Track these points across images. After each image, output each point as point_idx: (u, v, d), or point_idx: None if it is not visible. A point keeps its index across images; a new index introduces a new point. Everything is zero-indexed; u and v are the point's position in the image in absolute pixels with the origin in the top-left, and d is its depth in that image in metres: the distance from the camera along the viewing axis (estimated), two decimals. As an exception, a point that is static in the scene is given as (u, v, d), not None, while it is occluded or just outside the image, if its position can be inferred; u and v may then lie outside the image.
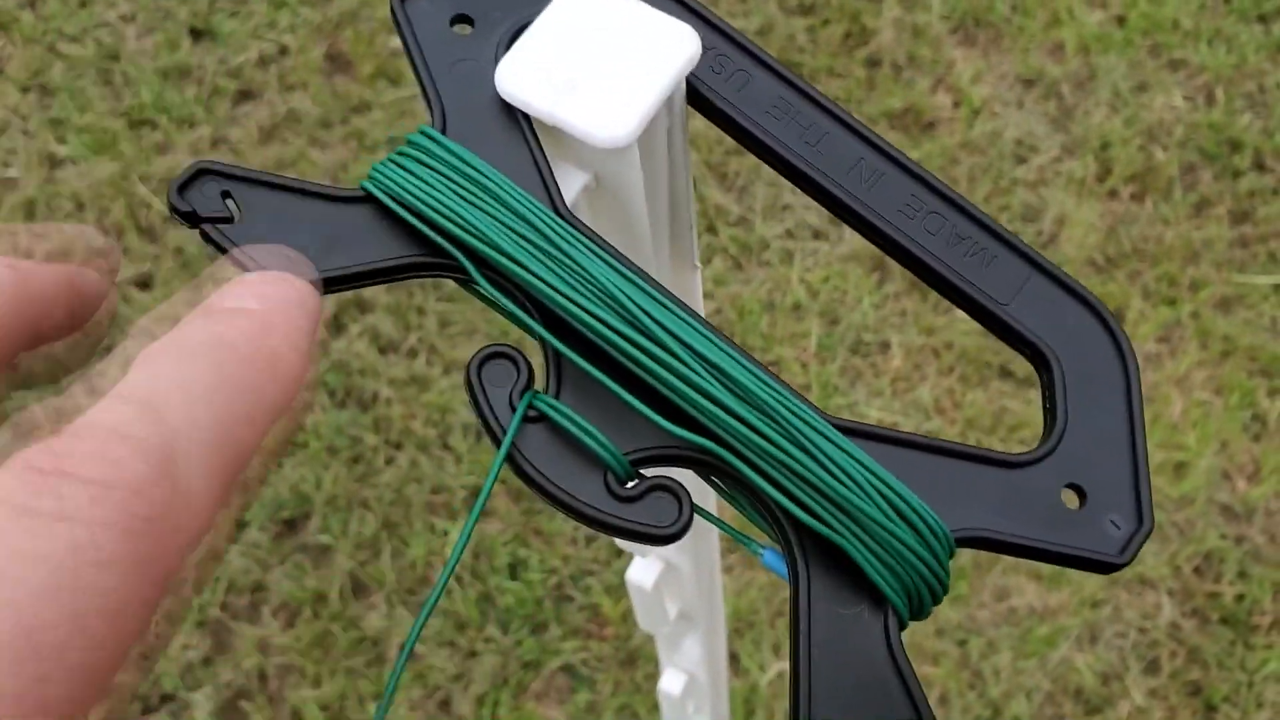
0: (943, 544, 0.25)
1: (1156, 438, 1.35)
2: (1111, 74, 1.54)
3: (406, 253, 0.27)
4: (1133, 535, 0.27)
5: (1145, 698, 1.25)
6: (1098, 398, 0.28)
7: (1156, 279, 1.43)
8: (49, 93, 1.57)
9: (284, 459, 1.35)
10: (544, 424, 0.25)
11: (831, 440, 0.25)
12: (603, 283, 0.25)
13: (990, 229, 0.29)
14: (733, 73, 0.29)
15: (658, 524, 0.25)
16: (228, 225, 0.26)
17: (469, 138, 0.27)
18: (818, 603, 0.25)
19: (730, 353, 0.25)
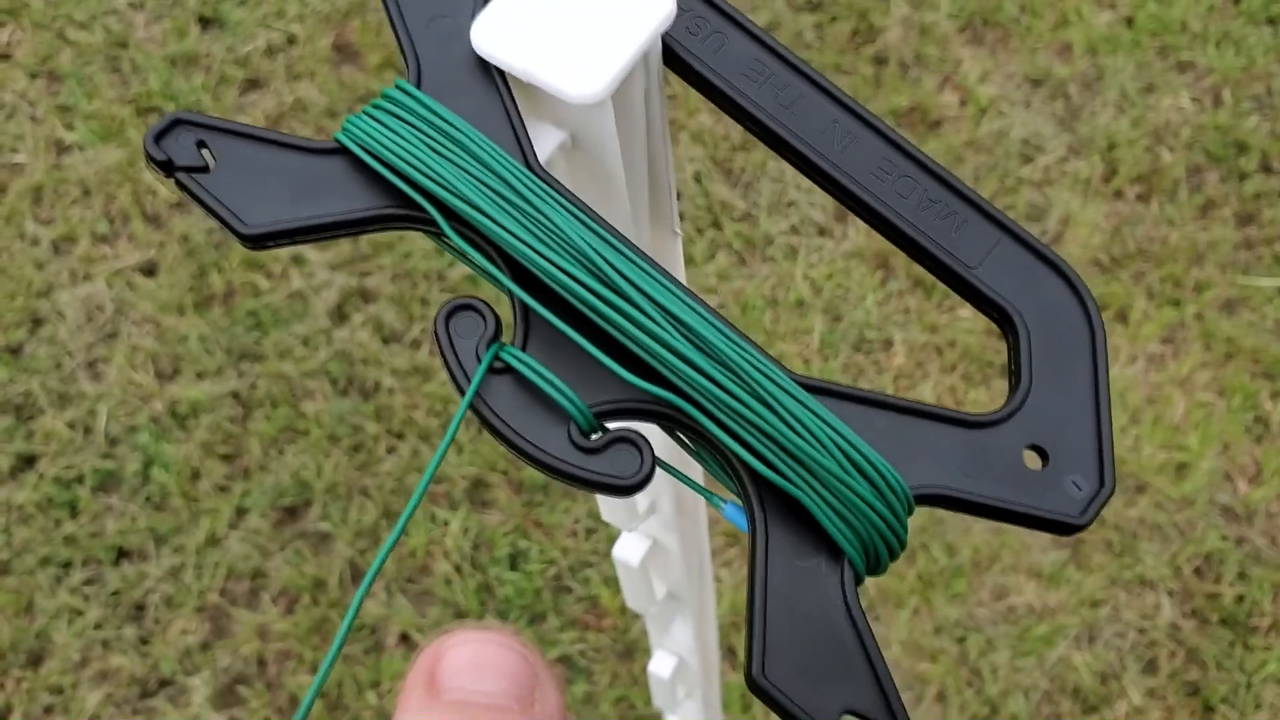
0: (901, 500, 0.25)
1: (1158, 439, 1.34)
2: (1119, 75, 1.54)
3: (378, 204, 0.27)
4: (1094, 496, 0.27)
5: (1143, 697, 1.25)
6: (1063, 361, 0.28)
7: (1161, 280, 1.42)
8: (57, 79, 1.57)
9: (285, 447, 1.36)
10: (510, 375, 0.25)
11: (793, 395, 0.25)
12: (571, 237, 0.25)
13: (961, 193, 0.29)
14: (709, 34, 0.29)
15: (619, 475, 0.25)
16: (203, 174, 0.26)
17: (444, 93, 0.28)
18: (775, 554, 0.25)
19: (696, 309, 0.26)
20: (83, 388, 1.39)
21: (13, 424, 1.37)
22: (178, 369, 1.40)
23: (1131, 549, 1.31)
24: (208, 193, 0.26)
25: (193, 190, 0.26)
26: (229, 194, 0.26)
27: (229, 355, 1.40)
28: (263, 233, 0.26)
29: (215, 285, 1.43)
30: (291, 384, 1.38)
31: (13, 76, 1.57)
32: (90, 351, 1.41)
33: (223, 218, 0.26)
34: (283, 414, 1.37)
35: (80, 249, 1.46)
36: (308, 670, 1.26)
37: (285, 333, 1.40)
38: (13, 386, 1.39)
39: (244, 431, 1.36)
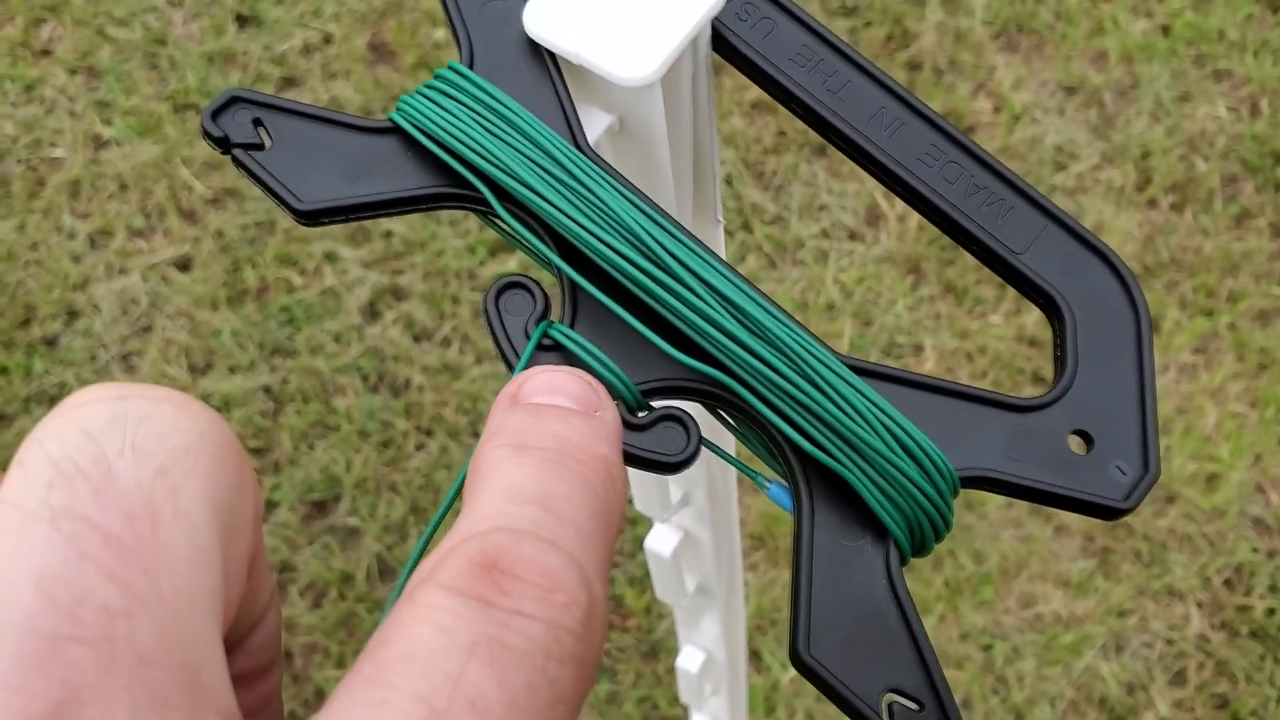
0: (947, 481, 0.25)
1: (1189, 449, 1.34)
2: (1154, 83, 1.53)
3: (430, 183, 0.27)
4: (1138, 481, 0.27)
5: (1171, 709, 1.24)
6: (1108, 347, 0.28)
7: (1194, 289, 1.42)
8: (96, 75, 1.59)
9: (315, 442, 1.36)
10: (559, 353, 0.26)
11: (841, 376, 0.25)
12: (621, 216, 0.25)
13: (1008, 180, 0.29)
14: (758, 20, 0.30)
15: (667, 452, 0.25)
16: (258, 152, 0.27)
17: (496, 75, 0.28)
18: (820, 534, 0.25)
19: (744, 289, 0.26)
20: (117, 380, 1.40)
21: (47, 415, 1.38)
22: (210, 363, 1.41)
23: (1160, 559, 1.30)
24: (264, 169, 0.26)
25: (249, 167, 0.26)
26: (284, 171, 0.26)
27: (261, 350, 1.41)
28: (318, 209, 0.26)
29: (249, 281, 1.44)
30: (323, 380, 1.39)
31: (53, 72, 1.59)
32: (125, 344, 1.42)
33: (278, 194, 0.26)
34: (314, 409, 1.38)
35: (116, 243, 1.47)
36: (334, 664, 1.27)
37: (317, 329, 1.41)
38: (48, 378, 1.40)
39: (275, 426, 1.37)
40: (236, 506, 0.20)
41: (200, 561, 0.18)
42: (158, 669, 0.17)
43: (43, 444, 0.19)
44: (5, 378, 1.40)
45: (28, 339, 1.42)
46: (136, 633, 0.17)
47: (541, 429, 0.22)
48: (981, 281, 1.42)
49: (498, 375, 1.39)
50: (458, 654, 0.18)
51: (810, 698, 1.25)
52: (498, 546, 0.19)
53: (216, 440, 0.20)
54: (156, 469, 0.18)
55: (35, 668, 0.16)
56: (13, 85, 1.58)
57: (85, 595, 0.17)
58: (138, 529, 0.18)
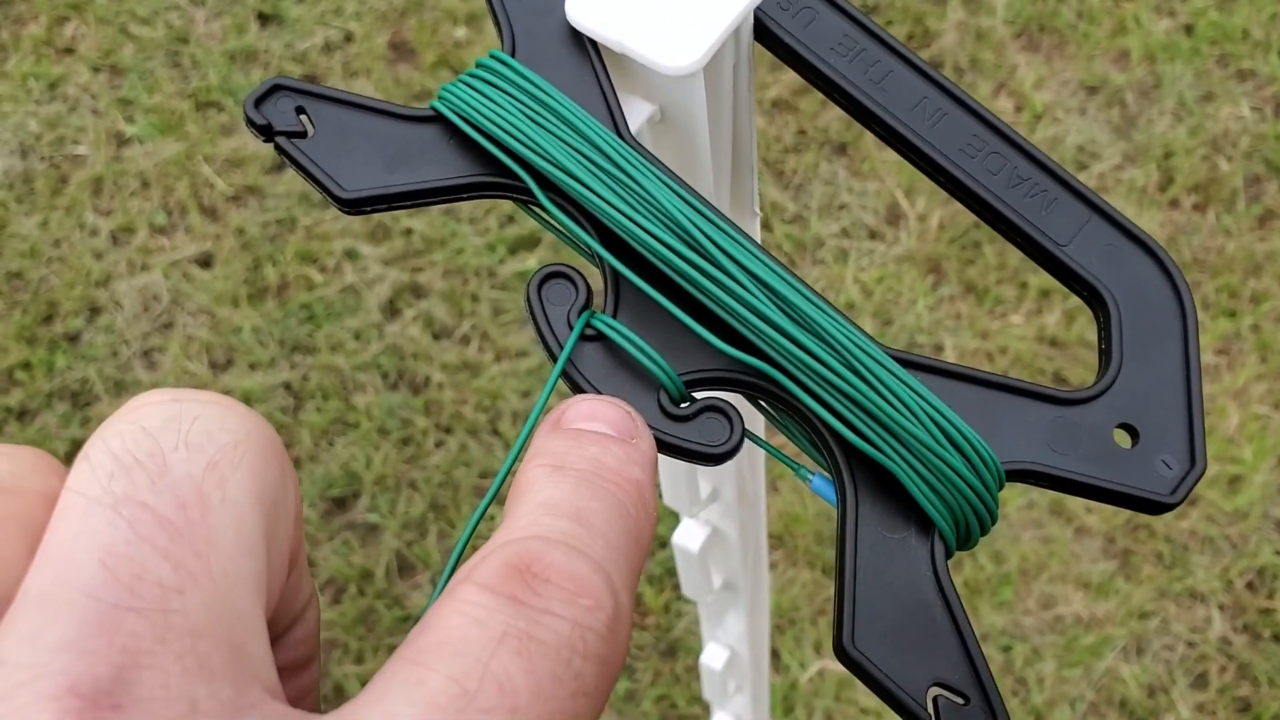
0: (992, 473, 0.25)
1: (1212, 450, 1.33)
2: (1177, 83, 1.52)
3: (472, 171, 0.27)
4: (1185, 476, 0.26)
5: (1192, 712, 1.23)
6: (1154, 340, 0.27)
7: (1217, 290, 1.41)
8: (119, 73, 1.60)
9: (335, 439, 1.37)
10: (601, 343, 0.26)
11: (886, 367, 0.25)
12: (664, 205, 0.25)
13: (1051, 171, 0.29)
14: (800, 9, 0.29)
15: (709, 443, 0.25)
16: (301, 140, 0.27)
17: (537, 63, 0.28)
18: (865, 526, 0.25)
19: (788, 279, 0.26)
20: (138, 376, 1.41)
21: (69, 410, 1.39)
22: (231, 360, 1.41)
23: (1182, 561, 1.29)
24: (307, 157, 0.26)
25: (292, 155, 0.26)
26: (327, 159, 0.26)
27: (282, 347, 1.41)
28: (360, 197, 0.26)
29: (269, 278, 1.44)
30: (343, 377, 1.40)
31: (76, 70, 1.59)
32: (146, 341, 1.43)
33: (322, 182, 0.26)
34: (333, 406, 1.38)
35: (138, 240, 1.48)
36: (353, 660, 1.27)
37: (337, 326, 1.42)
38: (70, 374, 1.41)
39: (295, 422, 1.37)
40: (279, 500, 0.22)
41: (246, 546, 0.20)
42: (207, 641, 0.19)
43: (106, 439, 0.20)
44: (28, 373, 1.41)
45: (50, 335, 1.43)
46: (188, 607, 0.19)
47: (579, 452, 0.23)
48: (1003, 281, 1.42)
49: (516, 373, 1.39)
50: (489, 642, 0.19)
51: (829, 697, 1.24)
52: (531, 552, 0.21)
53: (261, 439, 0.22)
54: (207, 462, 0.20)
55: (99, 633, 0.18)
56: (36, 83, 1.59)
57: (143, 571, 0.18)
58: (189, 514, 0.20)
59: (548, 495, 0.23)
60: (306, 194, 1.49)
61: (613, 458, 0.23)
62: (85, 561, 0.18)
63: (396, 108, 0.28)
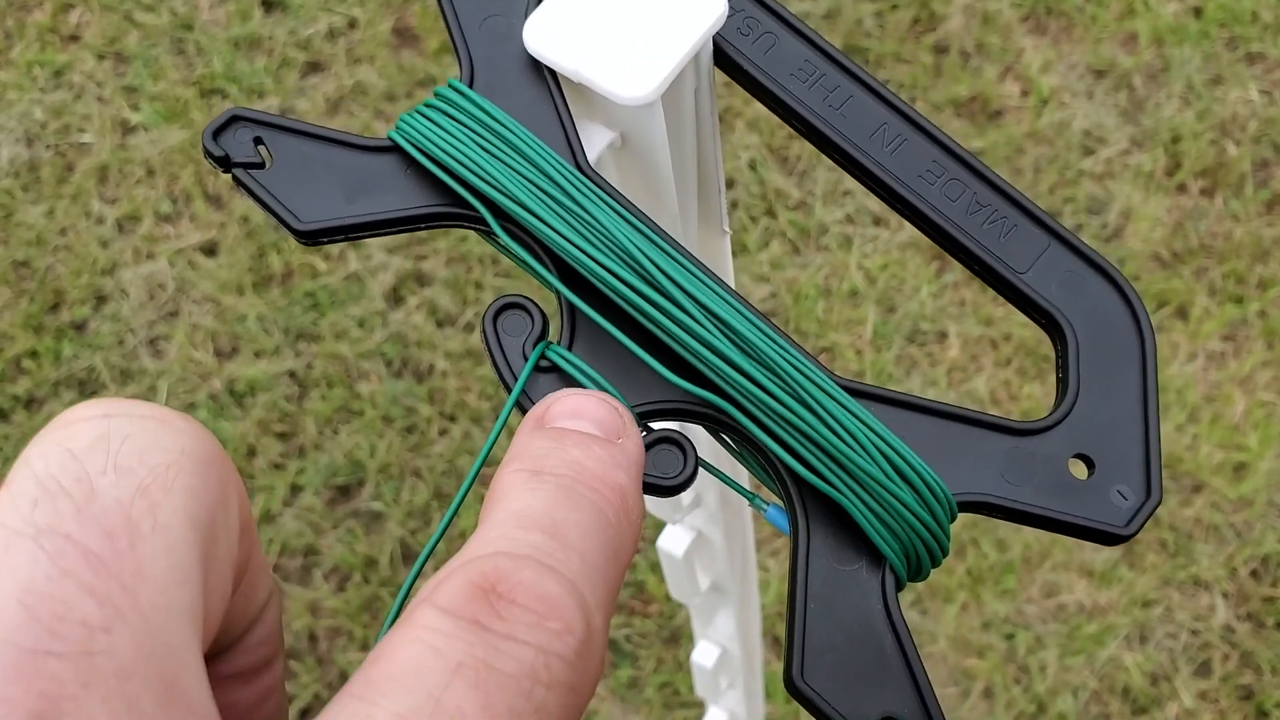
0: (943, 506, 0.25)
1: (1216, 438, 1.33)
2: (1185, 66, 1.51)
3: (429, 202, 0.27)
4: (1140, 507, 0.26)
5: (1195, 700, 1.23)
6: (1112, 368, 0.27)
7: (1223, 276, 1.40)
8: (124, 60, 1.60)
9: (340, 427, 1.37)
10: (556, 374, 0.26)
11: (836, 399, 0.25)
12: (618, 238, 0.25)
13: (1010, 197, 0.29)
14: (760, 34, 0.29)
15: (663, 475, 0.25)
16: (259, 170, 0.27)
17: (496, 92, 0.28)
18: (816, 558, 0.25)
19: (741, 310, 0.26)
20: (144, 364, 1.41)
21: (76, 399, 1.40)
22: (236, 348, 1.42)
23: (1186, 549, 1.29)
24: (264, 189, 0.27)
25: (249, 186, 0.27)
26: (284, 190, 0.27)
27: (286, 335, 1.42)
28: (317, 229, 0.26)
29: (274, 266, 1.45)
30: (347, 365, 1.40)
31: (81, 58, 1.60)
32: (152, 329, 1.43)
33: (278, 214, 0.26)
34: (338, 394, 1.38)
35: (144, 228, 1.48)
36: (358, 647, 1.28)
37: (342, 314, 1.42)
38: (77, 362, 1.41)
39: (300, 411, 1.38)
40: (218, 518, 0.21)
41: (179, 575, 0.19)
42: (135, 681, 0.18)
43: (29, 463, 0.19)
44: (35, 362, 1.41)
45: (57, 323, 1.44)
46: (115, 646, 0.18)
47: (560, 455, 0.22)
48: (1007, 268, 1.41)
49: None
50: (443, 674, 0.18)
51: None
52: (498, 570, 0.20)
53: (198, 456, 0.20)
54: (137, 487, 0.19)
55: (15, 680, 0.17)
56: (42, 70, 1.59)
57: (65, 610, 0.17)
58: (117, 545, 0.18)
59: (523, 504, 0.21)
60: (311, 182, 1.49)
61: (596, 461, 0.22)
62: (4, 602, 0.17)
63: (355, 138, 0.28)
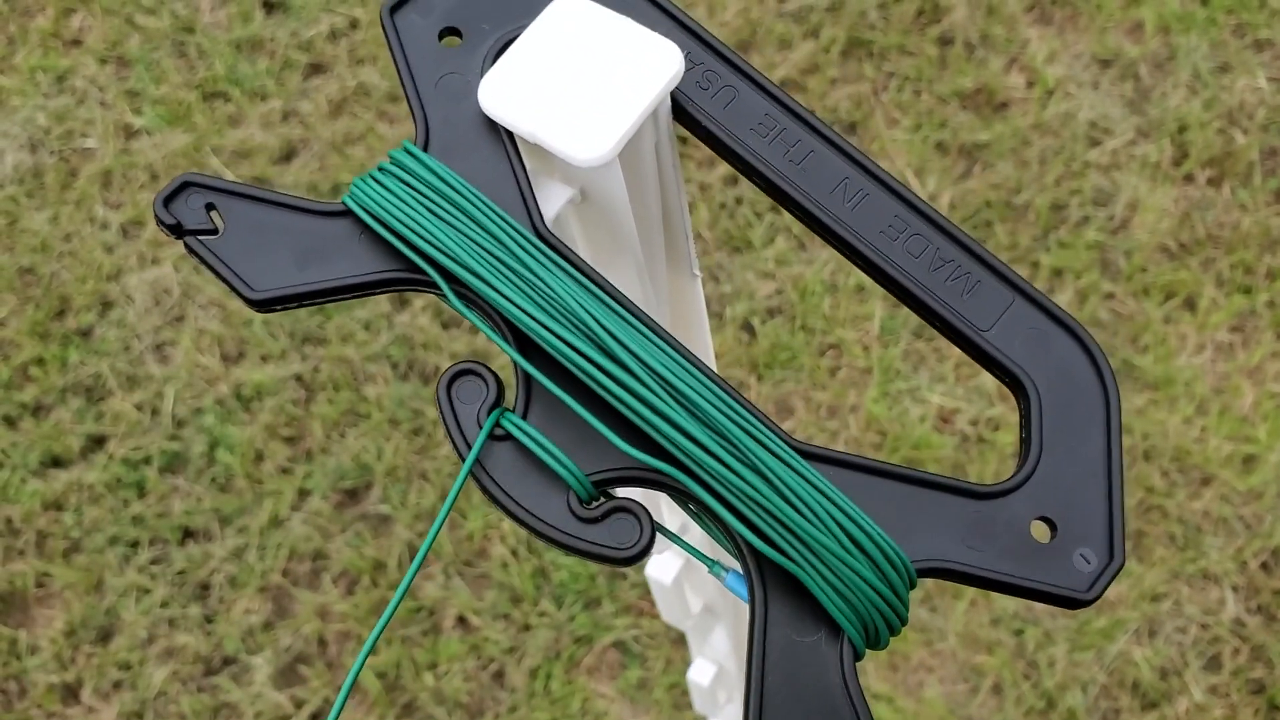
0: (902, 576, 0.25)
1: (1225, 429, 1.32)
2: (1192, 54, 1.50)
3: (384, 268, 0.27)
4: (1102, 570, 0.26)
5: (1205, 694, 1.23)
6: (1076, 428, 0.27)
7: (1231, 266, 1.39)
8: (126, 64, 1.60)
9: (347, 430, 1.37)
10: (511, 442, 0.25)
11: (792, 467, 0.25)
12: (571, 305, 0.25)
13: (975, 253, 0.28)
14: (720, 88, 0.29)
15: (618, 545, 0.25)
16: (211, 237, 0.26)
17: (452, 153, 0.28)
18: (774, 628, 0.25)
19: (696, 376, 0.25)
20: (150, 370, 1.42)
21: (83, 405, 1.40)
22: (243, 352, 1.42)
23: (1195, 542, 1.28)
24: (216, 257, 0.26)
25: (201, 255, 0.26)
26: (237, 258, 0.26)
27: (292, 339, 1.42)
28: (270, 297, 0.26)
29: (278, 270, 1.45)
30: (353, 368, 1.40)
31: (83, 62, 1.60)
32: (158, 334, 1.44)
33: (230, 283, 0.26)
34: (345, 398, 1.39)
35: (148, 233, 1.48)
36: (367, 651, 1.28)
37: (347, 317, 1.42)
38: (83, 368, 1.42)
39: (307, 414, 1.38)
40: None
41: None
42: None
43: None
44: (42, 369, 1.42)
45: (63, 330, 1.44)
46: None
47: None
48: (1015, 261, 1.40)
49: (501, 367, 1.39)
50: None
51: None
52: None
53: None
54: None
55: None
56: (45, 76, 1.59)
57: None
58: None
59: None
60: (314, 184, 1.49)
61: None
62: None
63: (308, 203, 0.27)
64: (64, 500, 1.35)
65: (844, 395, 1.37)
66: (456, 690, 1.26)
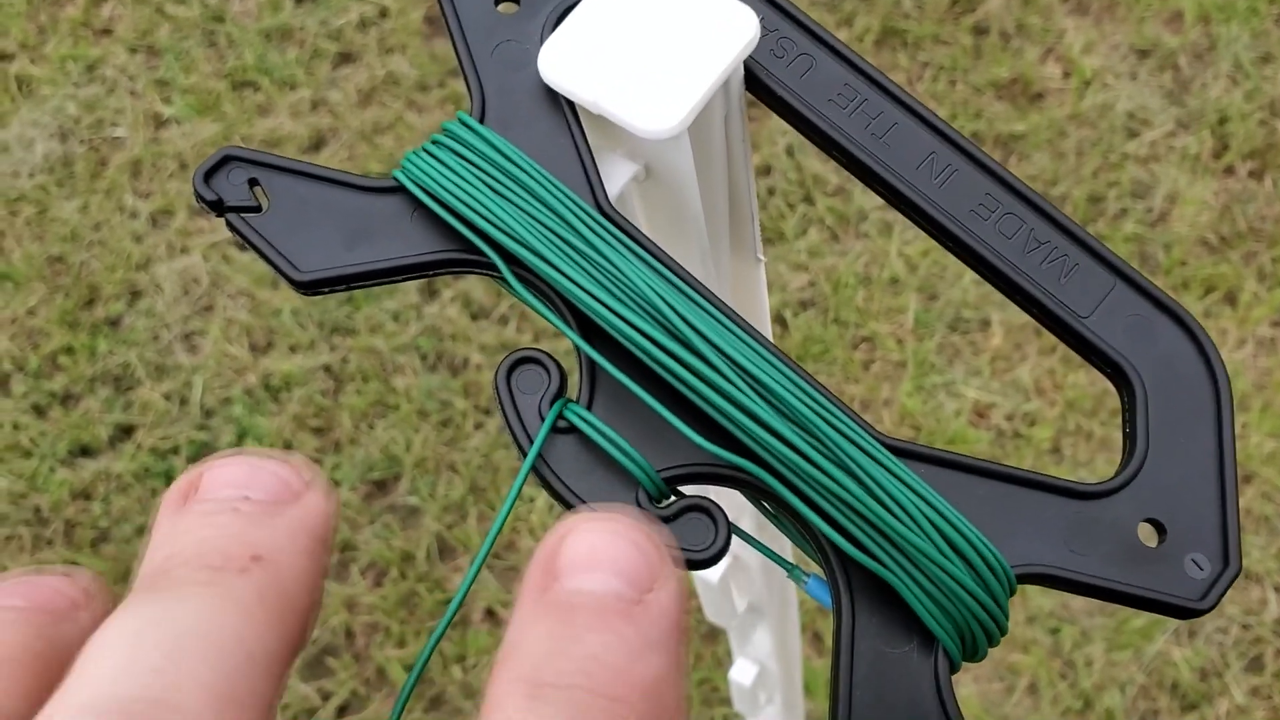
0: (1002, 582, 0.23)
1: (1267, 426, 1.29)
2: (1233, 44, 1.47)
3: (438, 248, 0.25)
4: (1217, 578, 0.24)
5: (1246, 696, 1.20)
6: (1184, 423, 0.25)
7: (1273, 260, 1.36)
8: (156, 53, 1.59)
9: (375, 421, 1.36)
10: (575, 435, 0.24)
11: (882, 464, 0.23)
12: (640, 288, 0.23)
13: (1071, 233, 0.27)
14: (796, 56, 0.27)
15: (692, 547, 0.23)
16: (254, 215, 0.25)
17: (509, 125, 0.26)
18: (862, 640, 0.23)
19: (776, 364, 0.24)
20: (179, 360, 1.41)
21: (112, 395, 1.39)
22: (271, 342, 1.41)
23: (1238, 541, 1.26)
24: (259, 235, 0.25)
25: (243, 232, 0.25)
26: (282, 237, 0.25)
27: (321, 329, 1.41)
28: (317, 279, 0.25)
29: (306, 260, 1.44)
30: (382, 359, 1.39)
31: (113, 51, 1.59)
32: (186, 324, 1.43)
33: (275, 263, 0.25)
34: (373, 388, 1.37)
35: (177, 222, 1.48)
36: (395, 644, 1.27)
37: (376, 308, 1.41)
38: (112, 358, 1.41)
39: (335, 405, 1.37)
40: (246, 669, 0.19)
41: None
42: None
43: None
44: (71, 358, 1.41)
45: (92, 319, 1.44)
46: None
47: (568, 653, 0.17)
48: (1051, 254, 1.38)
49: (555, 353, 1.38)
50: None
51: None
52: None
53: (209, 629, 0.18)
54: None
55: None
56: (75, 65, 1.59)
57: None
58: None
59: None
60: (343, 174, 1.48)
61: (619, 652, 0.17)
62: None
63: (357, 179, 0.26)
64: (92, 490, 1.35)
65: (877, 389, 1.35)
66: (484, 683, 1.25)
